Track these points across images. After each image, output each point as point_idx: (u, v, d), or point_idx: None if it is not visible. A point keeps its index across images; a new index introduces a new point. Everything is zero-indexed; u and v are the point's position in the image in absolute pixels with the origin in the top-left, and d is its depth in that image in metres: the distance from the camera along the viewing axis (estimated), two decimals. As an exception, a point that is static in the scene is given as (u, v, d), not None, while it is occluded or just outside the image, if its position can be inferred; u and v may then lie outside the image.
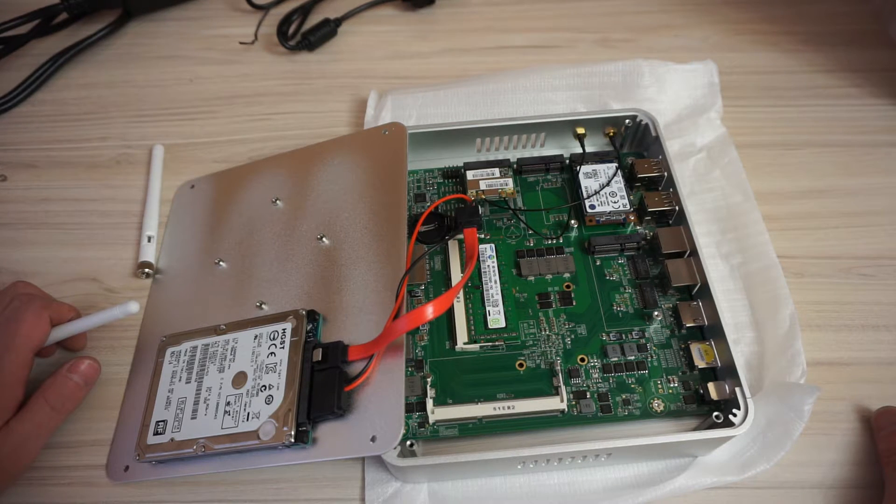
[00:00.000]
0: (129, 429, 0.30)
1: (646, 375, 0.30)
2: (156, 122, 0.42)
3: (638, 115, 0.36)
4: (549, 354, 0.30)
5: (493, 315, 0.31)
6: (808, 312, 0.33)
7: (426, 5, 0.48)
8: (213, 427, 0.27)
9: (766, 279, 0.32)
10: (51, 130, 0.42)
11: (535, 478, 0.28)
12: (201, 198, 0.38)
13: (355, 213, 0.33)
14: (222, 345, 0.29)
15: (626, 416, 0.29)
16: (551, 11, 0.48)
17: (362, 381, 0.26)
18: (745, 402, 0.27)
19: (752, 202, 0.35)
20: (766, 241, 0.34)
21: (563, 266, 0.33)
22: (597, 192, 0.34)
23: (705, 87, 0.40)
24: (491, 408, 0.28)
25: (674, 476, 0.28)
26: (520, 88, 0.40)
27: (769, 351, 0.31)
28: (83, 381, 0.29)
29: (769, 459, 0.28)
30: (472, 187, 0.35)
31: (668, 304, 0.32)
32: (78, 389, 0.29)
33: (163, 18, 0.48)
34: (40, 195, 0.39)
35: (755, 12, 0.47)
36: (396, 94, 0.40)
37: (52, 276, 0.35)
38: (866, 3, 0.47)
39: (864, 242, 0.35)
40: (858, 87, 0.42)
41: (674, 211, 0.33)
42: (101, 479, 0.29)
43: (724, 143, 0.38)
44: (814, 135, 0.40)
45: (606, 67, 0.39)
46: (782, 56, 0.44)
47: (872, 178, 0.38)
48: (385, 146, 0.35)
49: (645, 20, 0.47)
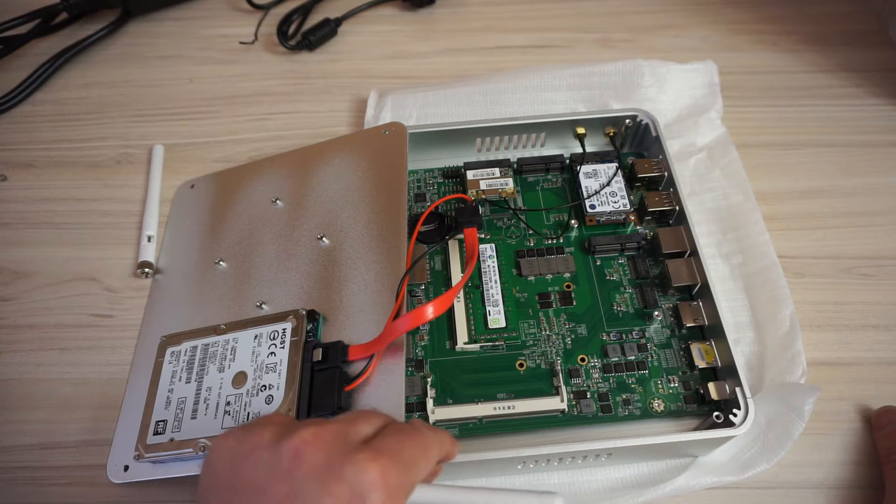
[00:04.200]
0: (130, 428, 0.30)
1: (646, 375, 0.30)
2: (156, 121, 0.43)
3: (638, 115, 0.37)
4: (549, 354, 0.31)
5: (493, 315, 0.32)
6: (809, 312, 0.33)
7: (426, 5, 0.48)
8: (213, 427, 0.27)
9: (766, 279, 0.33)
10: (51, 130, 0.42)
11: (535, 478, 0.29)
12: (201, 197, 0.38)
13: (355, 212, 0.33)
14: (222, 345, 0.30)
15: (627, 416, 0.29)
16: (551, 11, 0.48)
17: (362, 380, 0.27)
18: (745, 402, 0.28)
19: (752, 202, 0.36)
20: (767, 240, 0.34)
21: (564, 266, 0.34)
22: (597, 191, 0.35)
23: (706, 87, 0.40)
24: (491, 408, 0.29)
25: (674, 476, 0.28)
26: (520, 88, 0.40)
27: (769, 351, 0.31)
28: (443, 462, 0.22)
29: (769, 459, 0.28)
30: (473, 187, 0.36)
31: (669, 304, 0.32)
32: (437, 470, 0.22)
33: (162, 18, 0.49)
34: (40, 195, 0.39)
35: (755, 12, 0.47)
36: (396, 93, 0.41)
37: (52, 276, 0.36)
38: (866, 3, 0.47)
39: (864, 242, 0.36)
40: (858, 87, 0.43)
41: (674, 211, 0.34)
42: (102, 479, 0.30)
43: (725, 143, 0.38)
44: (814, 135, 0.41)
45: (607, 67, 0.40)
46: (782, 56, 0.45)
47: (872, 178, 0.39)
48: (385, 146, 0.35)
49: (645, 20, 0.47)
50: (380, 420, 0.20)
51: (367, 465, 0.17)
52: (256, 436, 0.18)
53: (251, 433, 0.19)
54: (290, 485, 0.17)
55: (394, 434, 0.19)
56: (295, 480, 0.17)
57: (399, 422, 0.21)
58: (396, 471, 0.18)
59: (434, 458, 0.20)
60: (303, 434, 0.18)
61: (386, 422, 0.21)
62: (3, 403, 0.32)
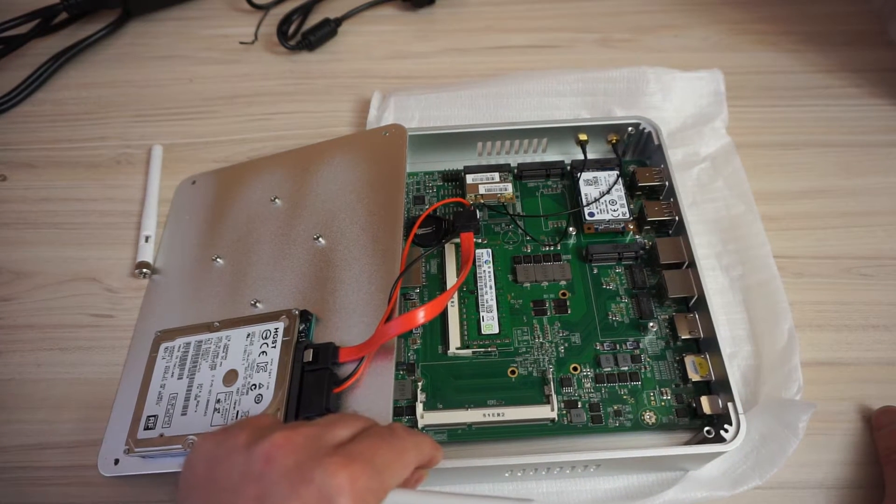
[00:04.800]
0: (122, 423, 0.30)
1: (639, 387, 0.30)
2: (155, 121, 0.43)
3: (641, 123, 0.37)
4: (541, 362, 0.31)
5: (486, 321, 0.32)
6: (808, 312, 0.33)
7: (426, 5, 0.49)
8: (202, 424, 0.28)
9: (765, 293, 0.33)
10: (51, 130, 0.43)
11: (523, 486, 0.29)
12: (202, 194, 0.39)
13: (352, 213, 0.33)
14: (215, 342, 0.30)
15: (617, 427, 0.29)
16: (551, 11, 0.48)
17: (351, 383, 0.27)
18: (737, 417, 0.28)
19: (754, 213, 0.35)
20: (768, 253, 0.34)
21: (560, 273, 0.34)
22: (596, 199, 0.35)
23: (711, 96, 0.40)
24: (481, 414, 0.29)
25: (664, 489, 0.28)
26: (524, 93, 0.40)
27: (766, 365, 0.31)
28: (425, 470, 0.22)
29: (762, 476, 0.28)
30: (472, 191, 0.36)
31: (665, 315, 0.32)
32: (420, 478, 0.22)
33: (162, 18, 0.49)
34: (40, 195, 0.40)
35: (755, 12, 0.47)
36: (399, 95, 0.41)
37: (52, 276, 0.36)
38: (866, 3, 0.47)
39: (864, 242, 0.36)
40: (858, 87, 0.43)
41: (673, 221, 0.34)
42: (99, 478, 0.30)
43: (729, 153, 0.38)
44: (814, 135, 0.41)
45: (611, 74, 0.40)
46: (782, 56, 0.45)
47: (872, 178, 0.39)
48: (385, 147, 0.35)
49: (645, 20, 0.47)
50: (359, 424, 0.21)
51: (336, 470, 0.18)
52: (233, 438, 0.19)
53: (230, 435, 0.19)
54: (260, 487, 0.18)
55: (369, 438, 0.20)
56: (265, 483, 0.18)
57: (379, 426, 0.21)
58: (367, 475, 0.18)
59: (411, 462, 0.20)
60: (275, 438, 0.19)
61: (366, 425, 0.21)
62: (2, 403, 0.32)
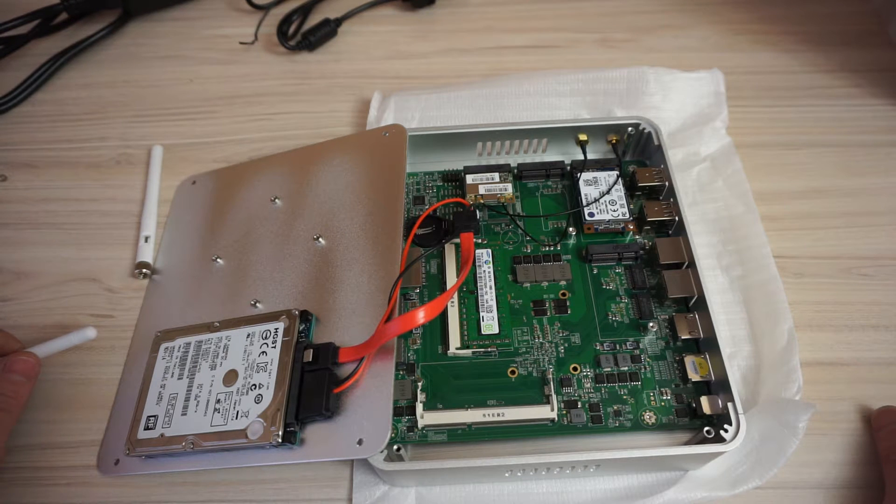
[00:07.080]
0: (122, 423, 0.31)
1: (638, 387, 0.32)
2: (155, 122, 0.45)
3: (641, 123, 0.38)
4: (541, 362, 0.33)
5: (486, 321, 0.33)
6: (808, 312, 0.35)
7: (426, 5, 0.50)
8: (202, 424, 0.29)
9: (765, 293, 0.34)
10: (51, 130, 0.44)
11: (523, 486, 0.30)
12: (202, 194, 0.40)
13: (352, 214, 0.35)
14: (215, 342, 0.31)
15: (617, 427, 0.31)
16: (551, 11, 0.50)
17: (351, 383, 0.28)
18: (737, 417, 0.29)
19: (754, 213, 0.37)
20: (768, 253, 0.35)
21: (560, 273, 0.35)
22: (596, 199, 0.37)
23: (711, 97, 0.41)
24: (481, 414, 0.30)
25: (664, 489, 0.30)
26: (524, 93, 0.42)
27: (766, 365, 0.32)
28: (24, 378, 0.31)
29: (762, 476, 0.29)
30: (471, 191, 0.37)
31: (665, 315, 0.34)
32: (20, 386, 0.31)
33: (162, 18, 0.51)
34: (40, 195, 0.41)
35: (755, 12, 0.49)
36: (400, 95, 0.42)
37: (52, 276, 0.38)
38: (866, 3, 0.49)
39: (864, 242, 0.37)
40: (858, 87, 0.44)
41: (673, 221, 0.35)
42: (99, 478, 0.31)
43: (729, 154, 0.39)
44: (814, 135, 0.42)
45: (612, 74, 0.41)
46: (782, 56, 0.46)
47: (872, 178, 0.40)
48: (385, 148, 0.37)
49: (645, 20, 0.49)
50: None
51: None
52: None
53: None
54: None
55: None
56: None
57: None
58: None
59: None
60: None
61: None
62: (2, 403, 0.34)
